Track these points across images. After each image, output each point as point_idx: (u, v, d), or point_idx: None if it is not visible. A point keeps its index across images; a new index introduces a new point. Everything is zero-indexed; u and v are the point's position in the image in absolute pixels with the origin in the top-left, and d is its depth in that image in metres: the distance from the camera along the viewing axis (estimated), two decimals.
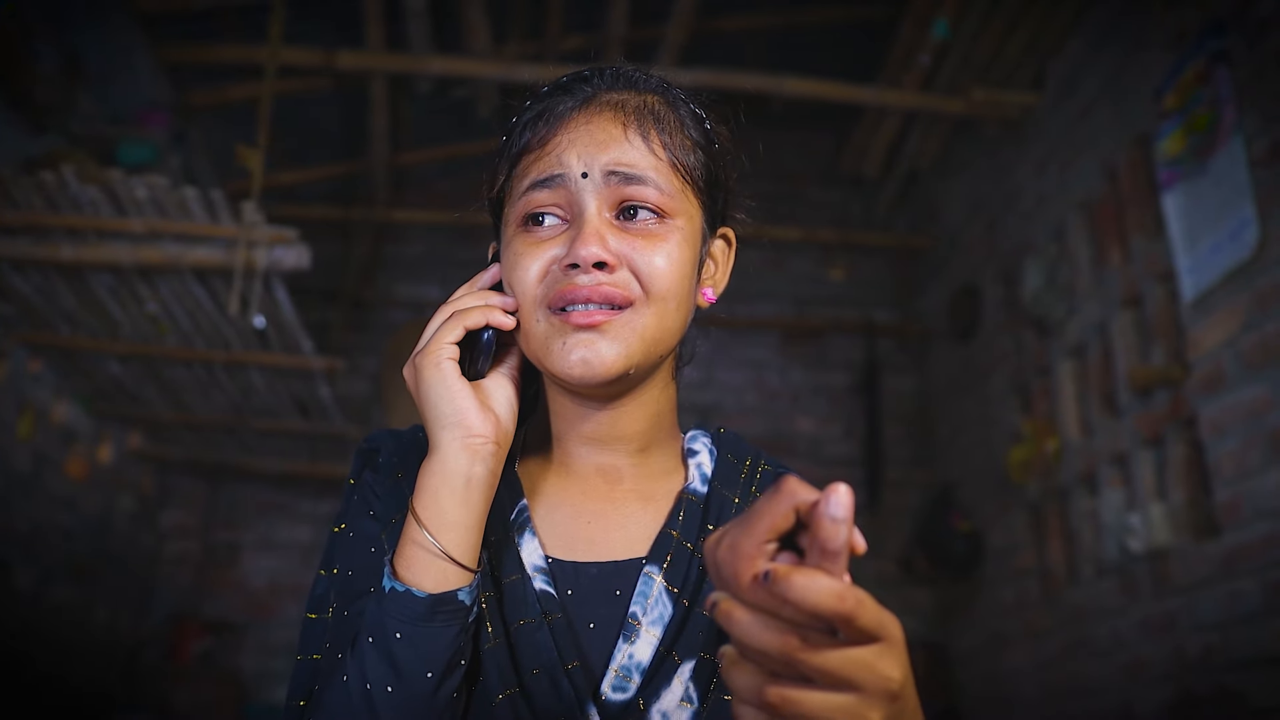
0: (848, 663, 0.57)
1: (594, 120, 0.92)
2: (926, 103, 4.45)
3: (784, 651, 0.57)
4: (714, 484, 0.99)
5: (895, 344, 5.67)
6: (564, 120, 0.93)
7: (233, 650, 4.95)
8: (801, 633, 0.57)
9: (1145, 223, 3.39)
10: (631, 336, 0.90)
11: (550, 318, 0.91)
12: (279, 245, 3.12)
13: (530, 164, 0.93)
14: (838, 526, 0.56)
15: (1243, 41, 2.87)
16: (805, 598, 0.55)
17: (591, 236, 0.88)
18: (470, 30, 4.26)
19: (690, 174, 0.94)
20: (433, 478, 0.87)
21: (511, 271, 0.93)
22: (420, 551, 0.85)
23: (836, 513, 0.55)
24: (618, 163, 0.90)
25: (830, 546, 0.56)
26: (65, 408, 4.03)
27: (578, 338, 0.89)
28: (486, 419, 0.89)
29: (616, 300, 0.89)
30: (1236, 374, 2.86)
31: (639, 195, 0.91)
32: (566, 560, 0.94)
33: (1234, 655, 2.83)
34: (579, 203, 0.90)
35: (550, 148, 0.92)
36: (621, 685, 0.88)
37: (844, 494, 0.56)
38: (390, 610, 0.83)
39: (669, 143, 0.93)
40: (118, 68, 3.85)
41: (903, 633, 0.61)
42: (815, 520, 0.56)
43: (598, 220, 0.90)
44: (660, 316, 0.91)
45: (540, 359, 0.92)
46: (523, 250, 0.92)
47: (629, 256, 0.90)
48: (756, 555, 0.58)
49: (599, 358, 0.89)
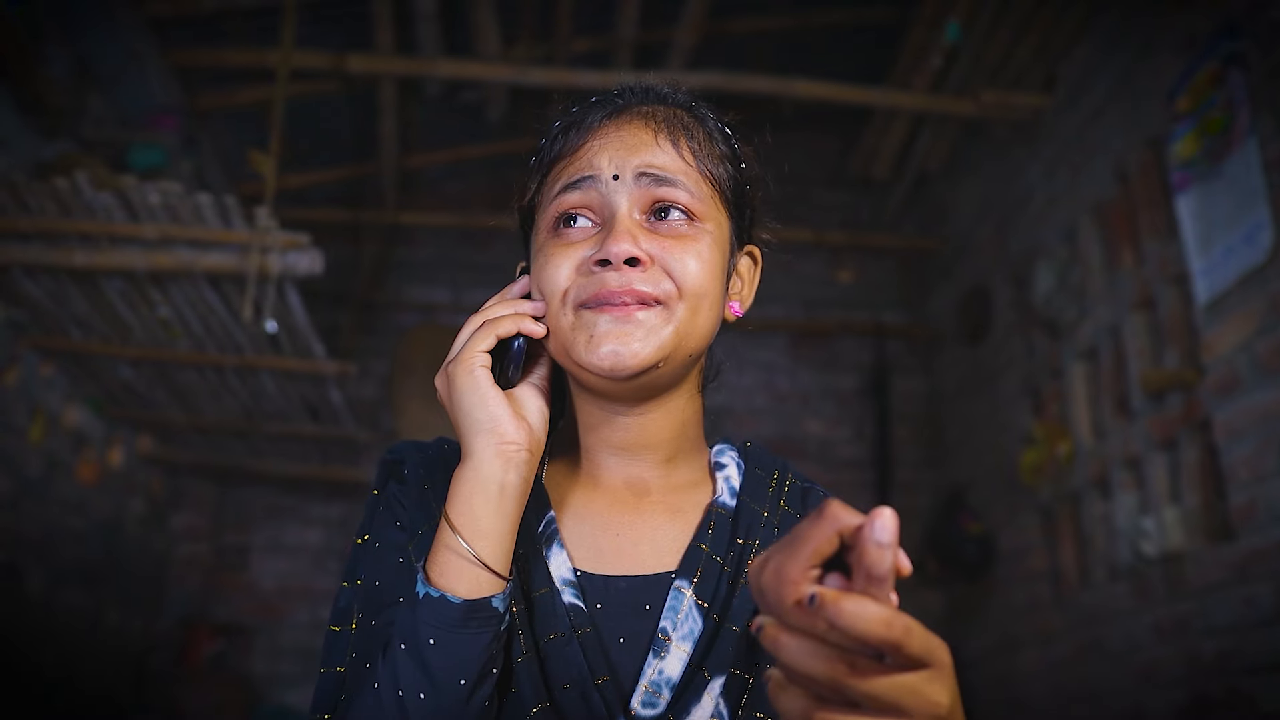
0: (895, 689, 0.57)
1: (624, 127, 0.94)
2: (936, 104, 4.44)
3: (831, 677, 0.57)
4: (742, 497, 0.99)
5: (905, 346, 5.66)
6: (594, 128, 0.94)
7: (243, 653, 4.96)
8: (849, 658, 0.57)
9: (1158, 225, 3.38)
10: (664, 329, 0.90)
11: (580, 312, 0.91)
12: (292, 250, 3.11)
13: (561, 170, 0.95)
14: (883, 552, 0.55)
15: (1256, 44, 2.86)
16: (853, 624, 0.55)
17: (624, 234, 0.89)
18: (479, 33, 4.25)
19: (719, 183, 0.95)
20: (466, 484, 0.87)
21: (542, 272, 0.93)
22: (454, 557, 0.85)
23: (882, 538, 0.55)
24: (649, 165, 0.91)
25: (876, 572, 0.55)
26: (76, 412, 4.03)
27: (607, 329, 0.89)
28: (520, 426, 0.89)
29: (648, 298, 0.90)
30: (1251, 377, 2.84)
31: (670, 196, 0.91)
32: (595, 573, 0.94)
33: (1247, 659, 2.81)
34: (610, 203, 0.91)
35: (582, 153, 0.93)
36: (651, 701, 0.87)
37: (889, 519, 0.55)
38: (424, 616, 0.83)
39: (698, 151, 0.94)
40: (128, 72, 3.85)
41: (951, 657, 0.60)
42: (860, 545, 0.56)
43: (629, 219, 0.90)
44: (693, 313, 0.91)
45: (569, 352, 0.92)
46: (554, 252, 0.93)
47: (660, 256, 0.90)
48: (801, 580, 0.58)
49: (629, 349, 0.89)
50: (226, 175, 4.43)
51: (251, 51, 4.08)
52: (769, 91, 4.24)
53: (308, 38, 4.00)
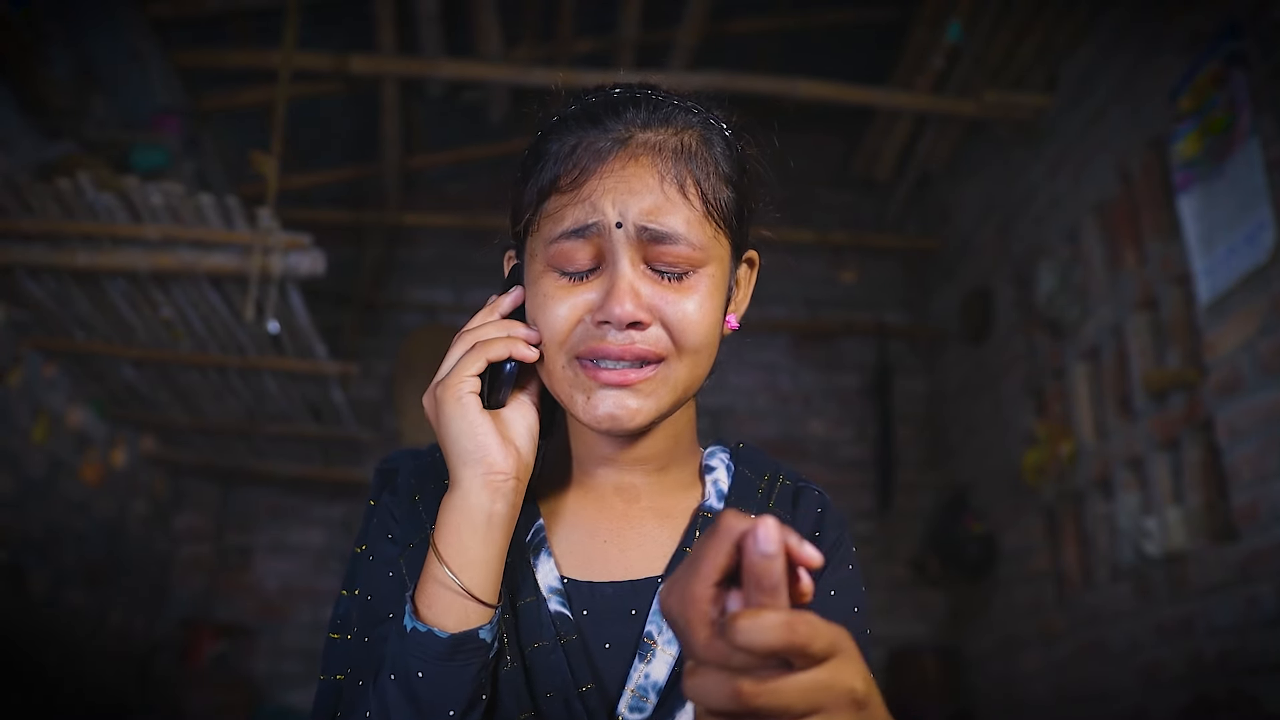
0: (807, 690, 0.56)
1: (629, 167, 0.88)
2: (938, 105, 4.44)
3: (742, 704, 0.55)
4: (730, 500, 0.99)
5: (907, 346, 5.66)
6: (597, 167, 0.88)
7: (245, 654, 4.96)
8: (754, 674, 0.55)
9: (1160, 225, 3.38)
10: (662, 389, 0.90)
11: (578, 368, 0.89)
12: (294, 251, 3.12)
13: (563, 207, 0.89)
14: (769, 562, 0.55)
15: (1258, 44, 2.86)
16: (754, 639, 0.54)
17: (625, 294, 0.86)
18: (481, 34, 4.26)
19: (723, 216, 0.91)
20: (454, 514, 0.87)
21: (539, 311, 0.90)
22: (442, 590, 0.85)
23: (766, 548, 0.55)
24: (653, 220, 0.87)
25: (766, 582, 0.55)
26: (79, 413, 4.04)
27: (606, 393, 0.88)
28: (508, 454, 0.88)
29: (648, 356, 0.88)
30: (1254, 377, 2.84)
31: (672, 253, 0.88)
32: (583, 580, 0.94)
33: (1250, 660, 2.81)
34: (612, 252, 0.88)
35: (585, 193, 0.88)
36: (639, 705, 0.88)
37: (771, 528, 0.55)
38: (412, 649, 0.83)
39: (705, 189, 0.90)
40: (130, 73, 3.85)
41: (851, 640, 0.59)
42: (746, 559, 0.55)
43: (631, 275, 0.87)
44: (692, 368, 0.91)
45: (565, 404, 0.91)
46: (552, 293, 0.90)
47: (660, 309, 0.88)
48: (703, 599, 0.57)
49: (627, 412, 0.88)
50: (229, 176, 4.43)
51: (254, 52, 4.09)
52: (771, 92, 4.24)
53: (310, 39, 4.01)
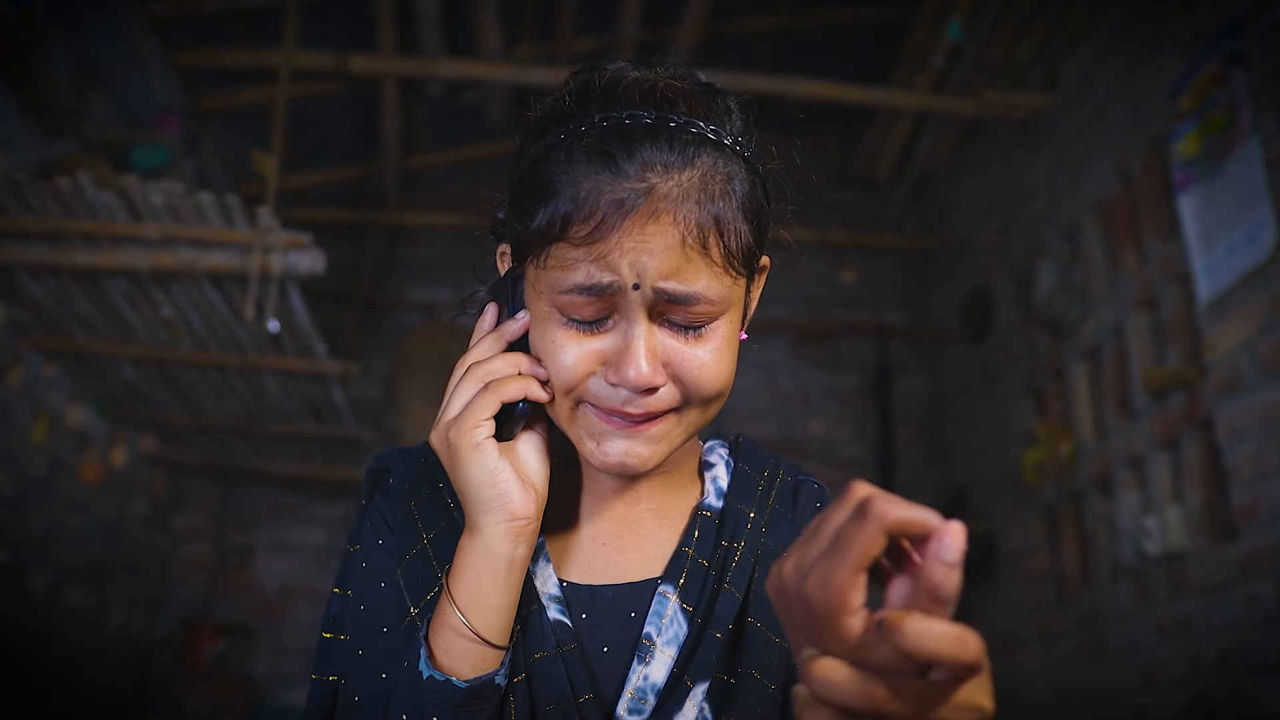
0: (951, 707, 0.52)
1: (649, 225, 0.79)
2: (938, 104, 4.43)
3: (874, 704, 0.52)
4: (729, 498, 0.97)
5: (907, 346, 5.66)
6: (615, 224, 0.79)
7: (246, 653, 4.97)
8: (891, 679, 0.52)
9: (1160, 224, 3.38)
10: (675, 430, 0.88)
11: (588, 411, 0.86)
12: (294, 250, 3.12)
13: (575, 261, 0.81)
14: (951, 572, 0.51)
15: (1258, 44, 2.86)
16: (923, 646, 0.50)
17: (642, 358, 0.81)
18: (481, 33, 4.26)
19: (743, 261, 0.85)
20: (474, 559, 0.85)
21: (546, 355, 0.86)
22: (457, 639, 0.84)
23: (950, 557, 0.51)
24: (672, 285, 0.81)
25: (942, 594, 0.51)
26: (79, 412, 4.04)
27: (617, 441, 0.86)
28: (528, 497, 0.86)
29: (661, 411, 0.86)
30: (1253, 376, 2.84)
31: (690, 311, 0.83)
32: (582, 584, 0.93)
33: (1250, 659, 2.81)
34: (628, 311, 0.82)
35: (599, 250, 0.80)
36: (637, 708, 0.87)
37: (959, 535, 0.51)
38: (429, 697, 0.82)
39: (727, 240, 0.82)
40: (131, 72, 3.85)
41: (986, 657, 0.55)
42: (927, 562, 0.51)
43: (648, 336, 0.82)
44: (703, 413, 0.88)
45: (573, 441, 0.89)
46: (561, 341, 0.84)
47: (676, 365, 0.84)
48: (850, 589, 0.53)
49: (639, 459, 0.86)
50: (229, 175, 4.43)
51: (254, 52, 4.09)
52: (770, 91, 4.23)
53: (310, 38, 4.01)
